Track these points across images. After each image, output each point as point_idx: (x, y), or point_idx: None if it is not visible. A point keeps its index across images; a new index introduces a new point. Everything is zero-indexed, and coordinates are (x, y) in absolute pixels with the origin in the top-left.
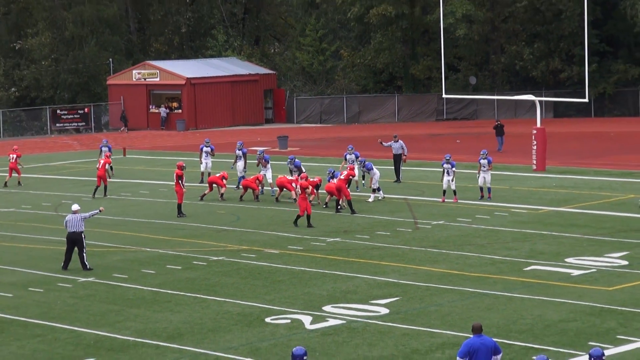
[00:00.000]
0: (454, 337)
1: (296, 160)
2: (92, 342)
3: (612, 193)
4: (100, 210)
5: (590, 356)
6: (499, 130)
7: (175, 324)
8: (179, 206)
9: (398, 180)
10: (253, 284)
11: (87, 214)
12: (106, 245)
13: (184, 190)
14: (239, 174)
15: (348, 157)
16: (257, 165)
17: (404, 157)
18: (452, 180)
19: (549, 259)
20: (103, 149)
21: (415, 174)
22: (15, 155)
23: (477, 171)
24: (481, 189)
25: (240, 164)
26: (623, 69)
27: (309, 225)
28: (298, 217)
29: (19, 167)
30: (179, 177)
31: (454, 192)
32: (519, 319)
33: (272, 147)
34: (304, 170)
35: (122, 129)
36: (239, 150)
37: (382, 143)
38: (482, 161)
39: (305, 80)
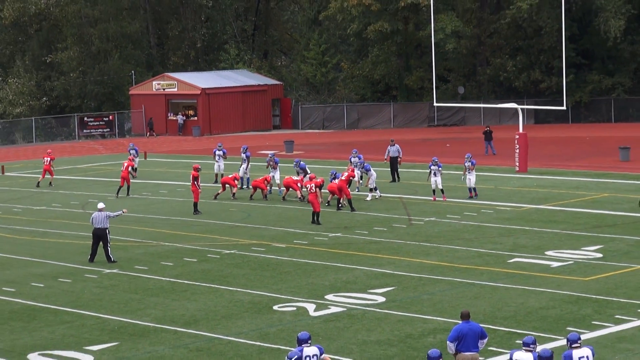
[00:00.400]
0: (445, 323)
1: (301, 162)
2: (116, 328)
3: (587, 192)
4: (123, 212)
5: (568, 340)
6: (488, 136)
7: (191, 311)
8: (195, 204)
9: (395, 180)
10: (262, 275)
11: (113, 214)
12: (129, 240)
13: (199, 190)
14: (241, 174)
15: (353, 159)
16: (267, 167)
17: (399, 159)
18: (439, 180)
19: (531, 252)
20: (131, 151)
21: (409, 175)
22: (49, 159)
23: (462, 172)
24: (470, 189)
25: (243, 166)
26: (597, 80)
27: (317, 222)
28: (317, 214)
29: (52, 169)
30: (195, 178)
31: (442, 191)
32: (504, 306)
33: (280, 151)
34: (309, 172)
35: (148, 134)
36: (243, 153)
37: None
38: (466, 164)
39: (309, 90)
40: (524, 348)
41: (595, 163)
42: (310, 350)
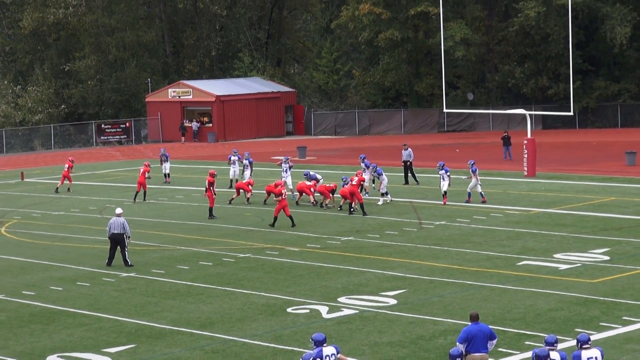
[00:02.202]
0: (455, 325)
1: (311, 173)
2: (133, 330)
3: (594, 196)
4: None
5: (578, 341)
6: (506, 141)
7: (207, 314)
8: (210, 209)
9: (408, 182)
10: (276, 278)
11: (128, 228)
12: (146, 244)
13: (214, 195)
14: (246, 179)
15: (362, 165)
16: (279, 164)
17: (409, 162)
18: (448, 184)
19: (539, 255)
20: (162, 157)
21: (419, 180)
22: (67, 165)
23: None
24: (477, 193)
25: (247, 172)
26: (604, 86)
27: (273, 224)
28: (275, 219)
29: (71, 174)
30: (211, 184)
31: (444, 193)
32: (513, 308)
33: (293, 156)
34: (319, 178)
35: (183, 140)
36: (246, 160)
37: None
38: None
39: (321, 97)
40: (547, 347)
41: (602, 167)
42: (328, 350)
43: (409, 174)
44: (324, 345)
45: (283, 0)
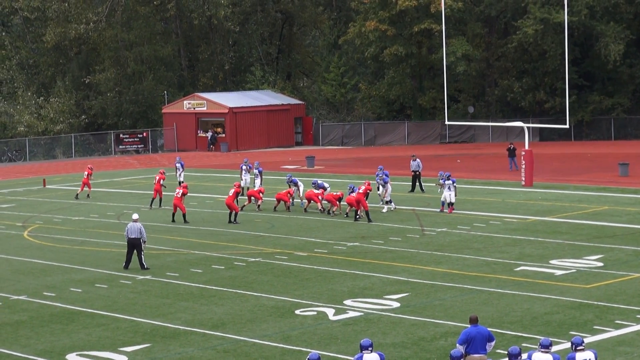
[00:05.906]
0: (455, 327)
1: (319, 182)
2: (148, 330)
3: (589, 205)
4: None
5: (572, 343)
6: (511, 152)
7: (219, 315)
8: (235, 214)
9: (413, 190)
10: (285, 281)
11: (144, 233)
12: (161, 248)
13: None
14: (257, 187)
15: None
16: (289, 186)
17: (418, 172)
18: (454, 195)
19: (536, 261)
20: (177, 165)
21: (424, 189)
22: (87, 172)
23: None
24: (442, 203)
25: (257, 181)
26: (598, 100)
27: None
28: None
29: (90, 181)
30: (237, 194)
31: (451, 204)
32: (510, 311)
33: (301, 166)
34: (327, 187)
35: (212, 147)
36: (256, 169)
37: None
38: (440, 181)
39: (329, 109)
40: (541, 350)
41: (596, 178)
42: (370, 357)
43: (417, 183)
44: (368, 350)
45: (293, 17)
